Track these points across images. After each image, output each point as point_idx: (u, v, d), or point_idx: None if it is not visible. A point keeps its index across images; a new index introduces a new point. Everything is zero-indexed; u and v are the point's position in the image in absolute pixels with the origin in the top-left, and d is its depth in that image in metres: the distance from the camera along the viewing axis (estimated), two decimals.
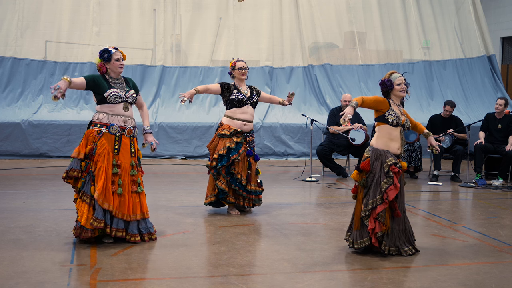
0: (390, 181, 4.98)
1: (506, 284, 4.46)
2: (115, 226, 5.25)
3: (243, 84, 6.77)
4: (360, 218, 5.08)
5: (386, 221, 5.00)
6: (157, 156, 11.66)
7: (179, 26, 12.97)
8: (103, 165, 5.19)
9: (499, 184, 9.01)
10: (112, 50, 5.37)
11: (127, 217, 5.30)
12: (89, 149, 5.23)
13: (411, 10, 14.14)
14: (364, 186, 5.12)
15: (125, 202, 5.29)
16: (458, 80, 14.06)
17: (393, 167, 4.99)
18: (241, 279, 4.44)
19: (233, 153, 6.48)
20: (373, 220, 4.98)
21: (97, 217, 5.14)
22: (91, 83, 5.28)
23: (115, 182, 5.24)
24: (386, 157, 5.04)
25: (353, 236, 5.16)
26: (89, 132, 5.29)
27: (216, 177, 6.54)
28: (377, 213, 4.97)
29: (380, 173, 5.02)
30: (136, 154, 5.45)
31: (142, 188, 5.45)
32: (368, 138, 9.64)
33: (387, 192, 4.96)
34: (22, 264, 4.70)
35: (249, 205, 6.71)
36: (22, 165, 10.45)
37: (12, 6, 12.07)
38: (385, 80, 5.18)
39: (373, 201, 5.00)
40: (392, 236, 5.06)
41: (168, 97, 12.44)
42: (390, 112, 5.09)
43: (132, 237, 5.34)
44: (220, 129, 6.63)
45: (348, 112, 4.76)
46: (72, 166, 5.24)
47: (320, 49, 13.51)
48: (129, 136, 5.39)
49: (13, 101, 11.69)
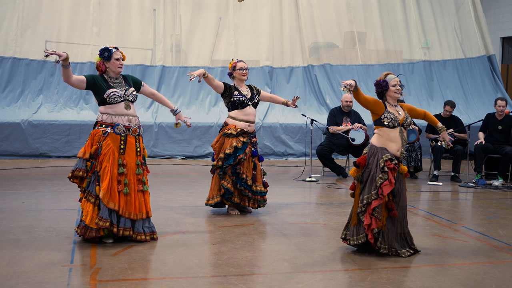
0: (385, 177, 4.99)
1: (506, 284, 4.46)
2: (122, 225, 5.28)
3: (243, 85, 6.76)
4: (357, 214, 5.09)
5: (382, 218, 5.01)
6: (157, 156, 11.65)
7: (179, 26, 12.97)
8: (108, 165, 5.21)
9: (499, 184, 9.01)
10: (113, 49, 5.37)
11: (134, 216, 5.32)
12: (95, 149, 5.26)
13: (411, 10, 14.13)
14: (360, 181, 5.14)
15: (131, 201, 5.31)
16: (458, 80, 14.05)
17: (389, 163, 5.00)
18: (241, 279, 4.44)
19: (240, 152, 6.48)
20: (369, 216, 4.99)
21: (102, 217, 5.16)
22: (91, 82, 5.27)
23: (121, 182, 5.26)
24: (383, 153, 5.07)
25: (350, 233, 5.17)
26: (94, 132, 5.32)
27: (222, 177, 6.53)
28: (372, 208, 4.98)
29: (376, 168, 5.05)
30: (141, 153, 5.46)
31: (147, 187, 5.47)
32: (368, 138, 9.63)
33: (382, 187, 4.97)
34: (22, 264, 4.70)
35: (254, 206, 6.70)
36: (22, 165, 10.45)
37: (12, 6, 12.06)
38: (381, 80, 5.21)
39: (368, 196, 5.02)
40: (388, 237, 5.07)
41: (168, 97, 12.39)
42: (386, 114, 5.12)
43: (139, 235, 5.36)
44: (226, 128, 6.62)
45: (350, 81, 4.88)
46: (77, 166, 5.28)
47: (320, 49, 13.50)
48: (135, 135, 5.39)
49: (13, 101, 11.68)
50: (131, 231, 5.32)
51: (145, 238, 5.39)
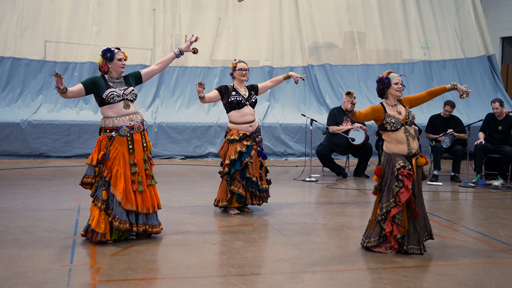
0: (401, 184, 5.04)
1: (506, 284, 4.46)
2: (141, 221, 5.42)
3: (242, 85, 6.78)
4: (377, 222, 5.16)
5: (404, 223, 5.06)
6: (156, 156, 11.65)
7: (178, 26, 12.96)
8: (120, 168, 5.27)
9: (499, 184, 9.00)
10: (115, 50, 5.40)
11: (150, 210, 5.45)
12: (102, 155, 5.32)
13: (411, 10, 14.13)
14: (379, 190, 5.23)
15: (147, 197, 5.44)
16: (458, 80, 14.02)
17: (402, 170, 5.03)
18: (241, 279, 4.43)
19: (245, 156, 6.49)
20: (389, 223, 5.04)
21: (121, 219, 5.26)
22: (90, 86, 5.31)
23: (135, 181, 5.36)
24: (396, 161, 5.09)
25: (366, 235, 5.27)
26: (100, 139, 5.37)
27: (230, 183, 6.54)
28: (392, 216, 5.04)
29: (391, 177, 5.11)
30: (148, 147, 5.53)
31: (155, 180, 5.60)
32: (368, 138, 9.63)
33: (399, 195, 5.03)
34: (21, 264, 4.69)
35: (259, 202, 6.74)
36: (21, 165, 10.44)
37: (12, 6, 12.05)
38: (383, 77, 5.21)
39: (387, 204, 5.09)
40: (415, 235, 5.13)
41: (167, 97, 12.43)
42: (387, 119, 5.14)
43: (154, 228, 5.50)
44: (228, 134, 6.65)
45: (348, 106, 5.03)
46: (86, 172, 5.40)
47: (320, 49, 13.50)
48: (140, 132, 5.43)
49: (13, 101, 11.67)
50: (146, 226, 5.46)
51: (159, 230, 5.53)
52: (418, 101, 5.42)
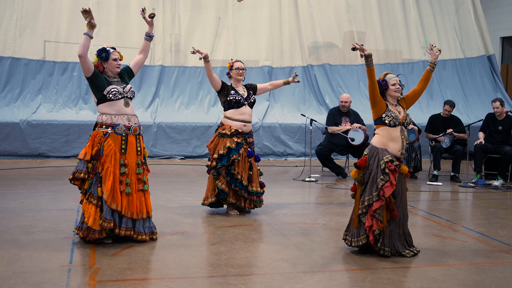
0: (387, 178, 4.98)
1: (506, 284, 4.45)
2: (124, 225, 5.26)
3: (240, 84, 6.77)
4: (358, 216, 5.08)
5: (383, 220, 5.00)
6: (156, 156, 11.64)
7: (178, 26, 12.96)
8: (111, 166, 5.19)
9: (498, 184, 9.00)
10: (110, 49, 5.38)
11: (135, 215, 5.31)
12: (96, 150, 5.23)
13: (411, 10, 14.13)
14: (360, 182, 5.13)
15: (133, 201, 5.30)
16: (457, 80, 14.05)
17: (390, 164, 4.99)
18: (240, 279, 4.43)
19: (233, 153, 6.46)
20: (370, 218, 4.98)
21: (106, 218, 5.15)
22: (95, 72, 5.29)
23: (123, 182, 5.25)
24: (383, 154, 5.05)
25: (351, 234, 5.16)
26: (95, 134, 5.29)
27: (216, 177, 6.52)
28: (373, 210, 4.97)
29: (376, 170, 5.03)
30: (142, 153, 5.45)
31: (147, 186, 5.46)
32: (368, 138, 9.63)
33: (383, 189, 4.96)
34: (21, 264, 4.68)
35: (250, 206, 6.69)
36: (21, 165, 10.44)
37: (11, 5, 12.05)
38: (380, 80, 5.19)
39: (369, 197, 5.01)
40: (391, 239, 5.05)
41: (167, 97, 12.42)
42: (387, 113, 5.10)
43: (139, 235, 5.34)
44: (220, 128, 6.62)
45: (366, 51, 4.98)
46: (78, 167, 5.23)
47: (320, 49, 13.50)
48: (135, 135, 5.38)
49: (12, 101, 11.66)
50: (132, 231, 5.30)
51: (146, 238, 5.37)
52: (415, 95, 5.34)
